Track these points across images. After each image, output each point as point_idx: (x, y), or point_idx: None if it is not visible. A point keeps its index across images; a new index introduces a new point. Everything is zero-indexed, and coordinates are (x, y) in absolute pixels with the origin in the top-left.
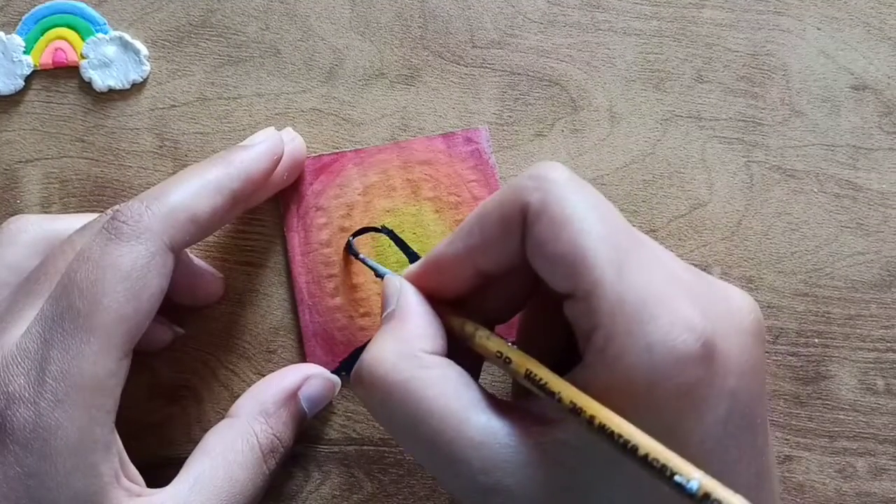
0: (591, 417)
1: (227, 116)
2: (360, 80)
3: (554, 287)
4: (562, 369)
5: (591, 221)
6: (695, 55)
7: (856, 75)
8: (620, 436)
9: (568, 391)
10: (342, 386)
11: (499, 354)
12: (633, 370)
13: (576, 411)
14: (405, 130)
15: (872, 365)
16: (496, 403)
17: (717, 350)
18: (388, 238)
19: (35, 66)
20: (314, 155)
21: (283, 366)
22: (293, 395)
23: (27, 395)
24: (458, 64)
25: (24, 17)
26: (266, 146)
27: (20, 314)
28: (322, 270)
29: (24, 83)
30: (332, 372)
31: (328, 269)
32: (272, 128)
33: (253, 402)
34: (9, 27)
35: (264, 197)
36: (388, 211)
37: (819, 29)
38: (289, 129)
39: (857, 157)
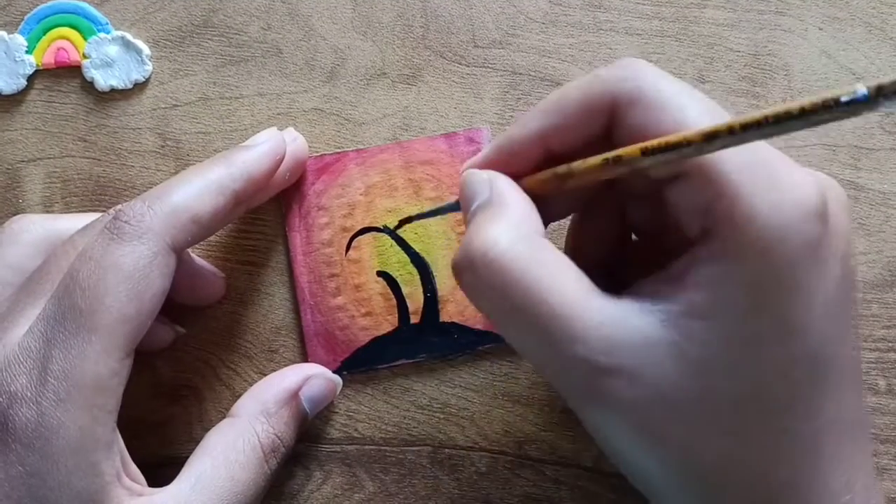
0: (731, 127)
1: (229, 116)
2: (361, 80)
3: (656, 174)
4: (614, 280)
5: (689, 101)
6: (696, 55)
7: (857, 75)
8: (781, 113)
9: (692, 131)
10: (343, 385)
11: (605, 161)
12: (764, 228)
13: (712, 136)
14: (407, 130)
15: (874, 365)
16: (607, 291)
17: (829, 210)
18: (389, 238)
19: (37, 65)
20: (316, 155)
21: (285, 365)
22: (294, 395)
23: (29, 394)
24: (460, 64)
25: (26, 17)
26: (268, 146)
27: (22, 313)
28: (324, 270)
29: (26, 83)
30: (334, 372)
31: (330, 269)
32: (274, 128)
33: (254, 402)
34: (11, 27)
35: (266, 197)
36: (389, 211)
37: (821, 29)
38: (290, 129)
39: (859, 158)
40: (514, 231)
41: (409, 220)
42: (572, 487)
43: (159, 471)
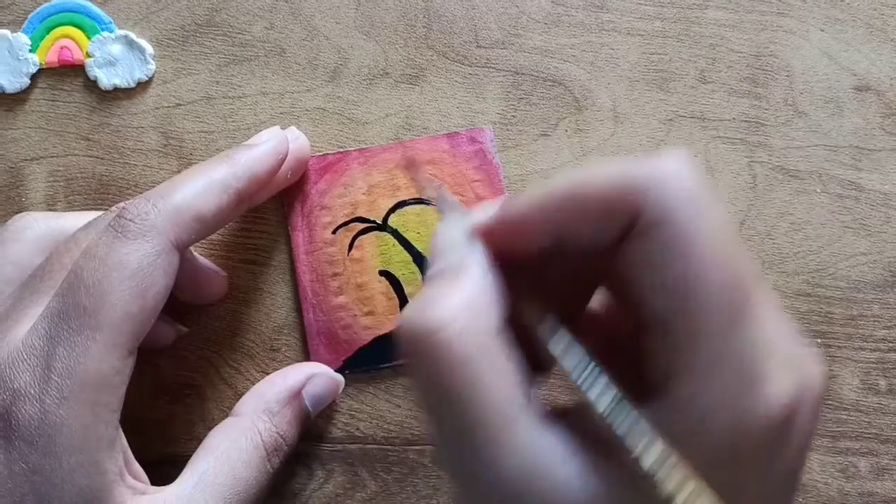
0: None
1: (231, 115)
2: (364, 80)
3: (645, 310)
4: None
5: (717, 255)
6: (698, 56)
7: (859, 76)
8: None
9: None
10: (345, 385)
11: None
12: (721, 431)
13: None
14: (409, 130)
15: (875, 365)
16: (547, 412)
17: (797, 418)
18: (392, 237)
19: (41, 64)
20: (318, 154)
21: (287, 364)
22: (297, 394)
23: (33, 391)
24: (463, 64)
25: (30, 16)
26: (271, 145)
27: (25, 311)
28: (326, 269)
29: (29, 81)
30: (336, 370)
31: (332, 268)
32: (277, 127)
33: (257, 401)
34: (15, 25)
35: (268, 195)
36: (392, 210)
37: (822, 30)
38: (292, 128)
39: (860, 158)
40: (473, 318)
41: (396, 207)
42: None
43: (161, 469)
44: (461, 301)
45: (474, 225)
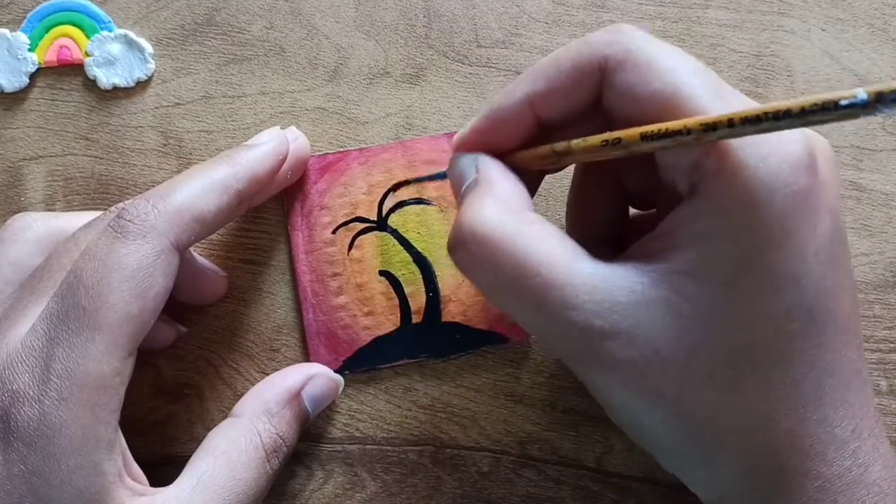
0: (731, 120)
1: (231, 115)
2: (364, 79)
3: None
4: (619, 241)
5: (677, 59)
6: (699, 56)
7: (860, 76)
8: (781, 110)
9: (691, 120)
10: (345, 385)
11: (605, 142)
12: (752, 181)
13: (711, 126)
14: (410, 129)
15: (876, 365)
16: (598, 255)
17: (818, 161)
18: (391, 237)
19: (40, 63)
20: (318, 154)
21: (287, 364)
22: (296, 395)
23: (32, 392)
24: (463, 63)
25: (29, 15)
26: (271, 146)
27: (24, 312)
28: (326, 269)
29: (28, 80)
30: (336, 371)
31: (332, 268)
32: (277, 127)
33: (256, 402)
34: (14, 24)
35: (268, 195)
36: (392, 210)
37: (823, 30)
38: (292, 128)
39: (861, 158)
40: (502, 207)
41: (401, 184)
42: (574, 487)
43: (160, 470)
44: (491, 198)
45: (466, 131)
